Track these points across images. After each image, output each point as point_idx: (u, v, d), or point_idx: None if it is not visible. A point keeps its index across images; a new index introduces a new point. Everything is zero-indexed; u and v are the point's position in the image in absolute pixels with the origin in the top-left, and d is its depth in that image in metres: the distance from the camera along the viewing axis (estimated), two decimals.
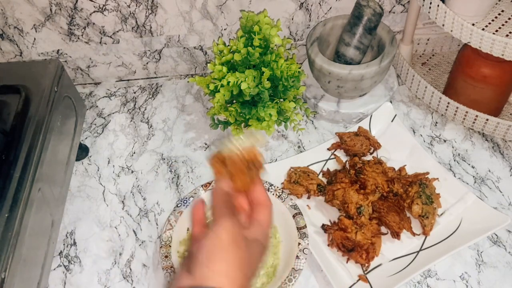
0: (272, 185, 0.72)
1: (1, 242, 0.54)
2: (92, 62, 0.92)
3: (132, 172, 0.82)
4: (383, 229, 0.70)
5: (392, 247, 0.69)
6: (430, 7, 0.73)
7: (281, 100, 0.75)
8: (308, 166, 0.78)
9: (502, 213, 0.68)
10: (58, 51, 0.89)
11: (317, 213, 0.74)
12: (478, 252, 0.69)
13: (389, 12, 0.89)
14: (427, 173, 0.73)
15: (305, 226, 0.67)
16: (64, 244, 0.74)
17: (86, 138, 0.87)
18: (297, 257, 0.64)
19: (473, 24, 0.70)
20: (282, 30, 0.89)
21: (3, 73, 0.76)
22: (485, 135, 0.82)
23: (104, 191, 0.79)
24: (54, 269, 0.71)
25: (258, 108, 0.71)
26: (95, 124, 0.89)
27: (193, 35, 0.89)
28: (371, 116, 0.82)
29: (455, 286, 0.66)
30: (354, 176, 0.73)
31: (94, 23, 0.85)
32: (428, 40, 0.94)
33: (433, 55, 0.96)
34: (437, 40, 0.94)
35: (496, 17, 0.74)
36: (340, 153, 0.80)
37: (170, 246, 0.67)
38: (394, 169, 0.75)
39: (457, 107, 0.81)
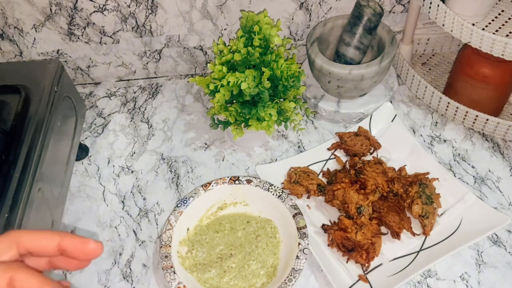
0: (272, 185, 0.72)
1: None
2: (92, 62, 0.92)
3: (132, 172, 0.82)
4: (383, 229, 0.70)
5: (392, 247, 0.69)
6: (430, 7, 0.73)
7: (281, 100, 0.75)
8: (308, 166, 0.78)
9: (502, 213, 0.68)
10: (58, 51, 0.89)
11: (317, 213, 0.74)
12: (478, 252, 0.69)
13: (389, 12, 0.89)
14: (427, 173, 0.73)
15: (305, 226, 0.67)
16: None
17: (86, 138, 0.87)
18: (297, 257, 0.64)
19: (473, 24, 0.70)
20: (282, 30, 0.89)
21: (3, 73, 0.76)
22: (485, 135, 0.82)
23: (104, 191, 0.79)
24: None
25: (258, 108, 0.71)
26: (95, 124, 0.89)
27: (193, 35, 0.89)
28: (371, 116, 0.82)
29: (455, 286, 0.66)
30: (354, 176, 0.73)
31: (94, 23, 0.85)
32: (428, 40, 0.94)
33: (433, 55, 0.96)
34: (437, 40, 0.94)
35: (496, 17, 0.74)
36: (340, 153, 0.80)
37: (170, 246, 0.67)
38: (394, 169, 0.75)
39: (457, 107, 0.81)
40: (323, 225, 0.70)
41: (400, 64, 0.90)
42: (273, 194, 0.71)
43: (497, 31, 0.72)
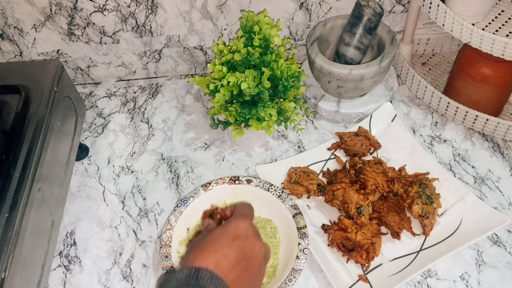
0: (272, 185, 0.71)
1: (1, 242, 0.54)
2: (92, 62, 0.92)
3: (132, 172, 0.82)
4: (383, 229, 0.70)
5: (392, 247, 0.69)
6: (430, 7, 0.73)
7: (281, 100, 0.75)
8: (308, 166, 0.78)
9: (502, 213, 0.68)
10: (58, 51, 0.89)
11: (317, 213, 0.74)
12: (478, 252, 0.69)
13: (389, 12, 0.89)
14: (427, 173, 0.73)
15: (305, 226, 0.67)
16: (64, 244, 0.74)
17: (86, 138, 0.87)
18: (297, 257, 0.64)
19: (473, 24, 0.70)
20: (282, 30, 0.89)
21: (3, 73, 0.76)
22: (485, 135, 0.82)
23: (104, 191, 0.79)
24: (54, 269, 0.71)
25: (258, 108, 0.71)
26: (95, 124, 0.89)
27: (193, 35, 0.89)
28: (371, 116, 0.82)
29: (455, 286, 0.66)
30: (354, 176, 0.73)
31: (94, 23, 0.85)
32: (428, 40, 0.94)
33: (433, 55, 0.96)
34: (437, 40, 0.94)
35: (496, 17, 0.74)
36: (340, 153, 0.80)
37: (170, 246, 0.67)
38: (394, 169, 0.75)
39: (457, 107, 0.81)
40: (323, 225, 0.70)
41: (400, 64, 0.90)
42: (273, 194, 0.71)
43: (497, 31, 0.72)
